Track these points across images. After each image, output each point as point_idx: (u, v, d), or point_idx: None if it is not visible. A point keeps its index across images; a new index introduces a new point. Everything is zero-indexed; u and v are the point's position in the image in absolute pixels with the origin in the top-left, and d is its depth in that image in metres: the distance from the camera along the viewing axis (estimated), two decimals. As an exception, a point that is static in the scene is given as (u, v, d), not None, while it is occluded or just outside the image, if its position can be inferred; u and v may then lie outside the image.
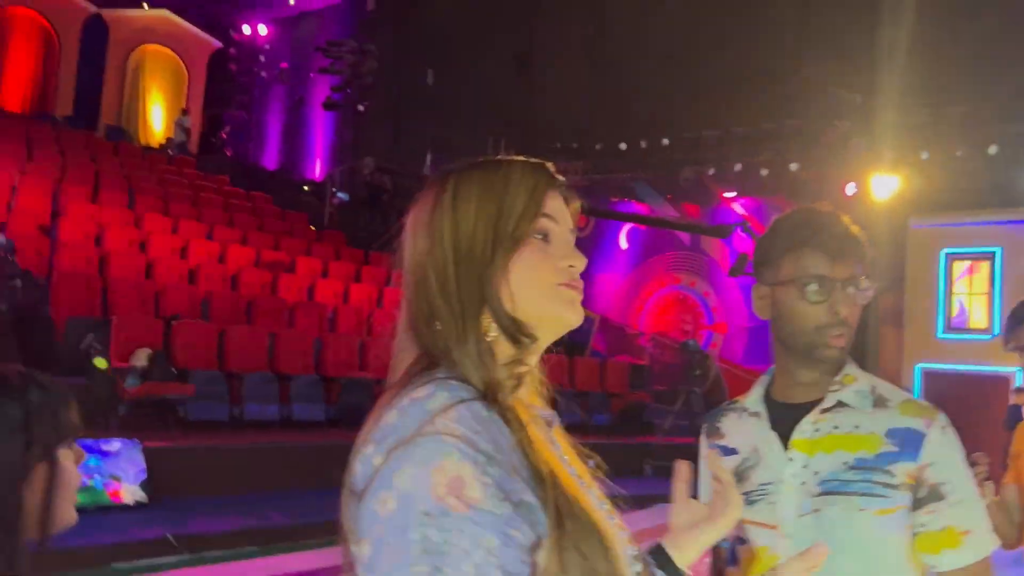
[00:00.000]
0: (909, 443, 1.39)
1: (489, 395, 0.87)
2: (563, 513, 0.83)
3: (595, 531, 0.85)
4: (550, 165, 1.00)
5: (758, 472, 1.47)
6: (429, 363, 0.92)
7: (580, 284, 0.97)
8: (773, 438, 1.47)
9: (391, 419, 0.85)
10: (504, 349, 0.94)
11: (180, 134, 18.63)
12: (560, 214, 0.98)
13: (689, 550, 1.12)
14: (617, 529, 0.92)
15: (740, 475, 1.48)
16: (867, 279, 1.43)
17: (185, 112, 19.32)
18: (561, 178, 1.00)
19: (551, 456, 0.88)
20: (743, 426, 1.54)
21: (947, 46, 11.95)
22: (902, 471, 1.38)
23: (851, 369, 1.49)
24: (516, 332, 0.94)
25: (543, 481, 0.84)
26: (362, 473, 0.84)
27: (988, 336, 12.26)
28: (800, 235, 1.44)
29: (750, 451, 1.49)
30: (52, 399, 1.19)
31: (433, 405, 0.84)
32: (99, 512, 5.86)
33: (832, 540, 1.25)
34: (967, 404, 12.09)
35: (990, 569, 1.41)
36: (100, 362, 1.21)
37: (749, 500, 1.44)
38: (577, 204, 1.03)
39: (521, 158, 1.01)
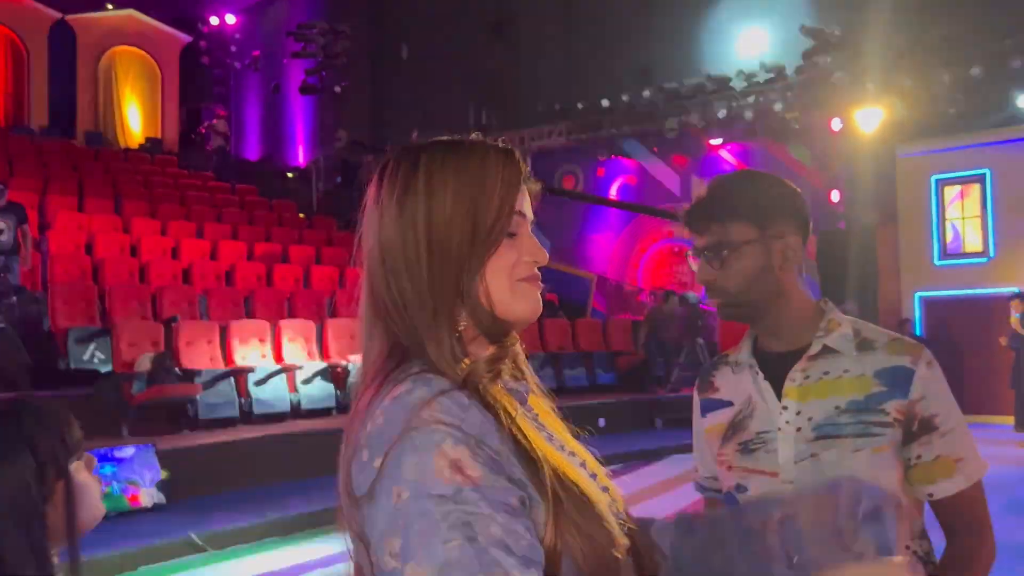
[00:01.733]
0: (899, 381, 1.45)
1: (467, 386, 0.89)
2: (557, 490, 0.87)
3: (588, 501, 0.89)
4: (518, 153, 1.00)
5: (754, 421, 1.51)
6: (402, 357, 0.92)
7: (539, 277, 0.99)
8: (766, 388, 1.51)
9: (378, 422, 0.86)
10: (478, 341, 0.96)
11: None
12: (527, 208, 0.99)
13: None
14: (601, 491, 0.94)
15: (736, 426, 1.53)
16: (730, 243, 1.50)
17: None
18: (526, 167, 1.00)
19: (537, 437, 0.91)
20: (736, 378, 1.58)
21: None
22: (894, 408, 1.43)
23: (834, 314, 1.53)
24: (495, 331, 0.95)
25: (534, 462, 0.87)
26: (363, 479, 0.85)
27: (984, 259, 12.28)
28: (724, 203, 1.56)
29: (744, 402, 1.54)
30: (52, 420, 1.22)
31: (414, 399, 0.86)
32: (120, 518, 5.91)
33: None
34: (969, 328, 12.16)
35: (982, 492, 1.49)
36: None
37: (748, 449, 1.50)
38: (537, 187, 1.03)
39: (493, 143, 0.99)
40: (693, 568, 0.96)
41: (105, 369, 8.20)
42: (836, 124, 12.77)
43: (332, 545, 5.38)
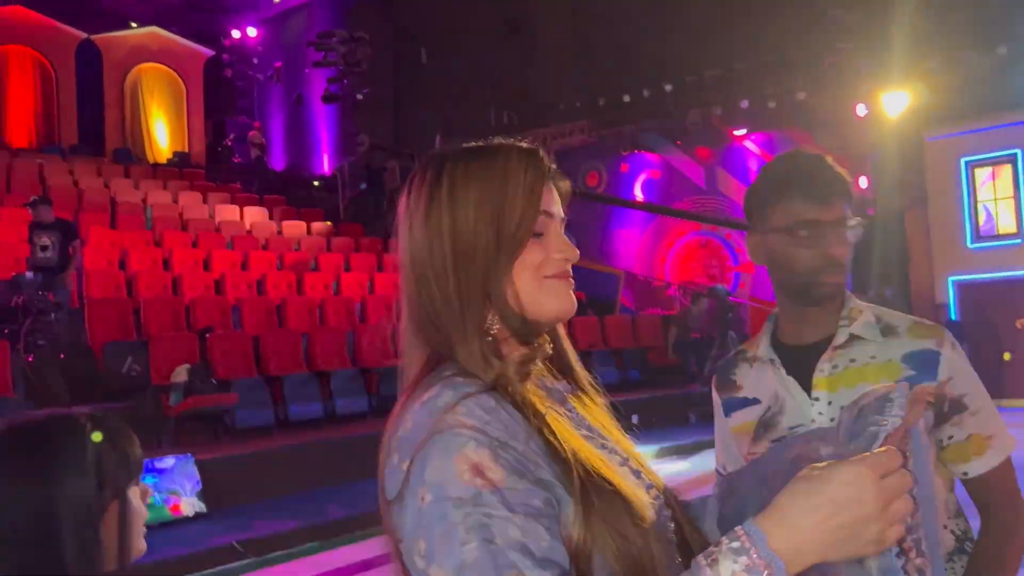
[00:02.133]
0: (926, 364, 1.46)
1: (497, 388, 0.90)
2: (588, 488, 0.87)
3: (621, 500, 0.88)
4: (542, 152, 1.01)
5: (785, 417, 1.50)
6: (436, 362, 0.95)
7: (569, 274, 0.99)
8: (791, 382, 1.50)
9: (407, 426, 0.89)
10: (510, 343, 0.97)
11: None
12: (554, 207, 0.99)
13: None
14: (642, 489, 0.94)
15: (767, 423, 1.52)
16: (854, 218, 1.47)
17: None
18: (552, 165, 1.01)
19: (569, 434, 0.91)
20: (756, 374, 1.57)
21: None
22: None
23: (855, 302, 1.54)
24: (526, 332, 0.96)
25: (564, 462, 0.88)
26: (393, 482, 0.89)
27: (1019, 240, 12.09)
28: (786, 182, 1.48)
29: (771, 398, 1.53)
30: (119, 439, 1.24)
31: (441, 403, 0.88)
32: (162, 528, 6.01)
33: None
34: (1004, 311, 11.98)
35: (1012, 466, 1.50)
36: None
37: None
38: (567, 185, 1.04)
39: (516, 144, 1.00)
40: (744, 510, 0.94)
41: (142, 382, 8.33)
42: (861, 110, 12.63)
43: (371, 548, 5.43)
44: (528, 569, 0.79)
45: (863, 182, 12.99)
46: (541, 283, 0.96)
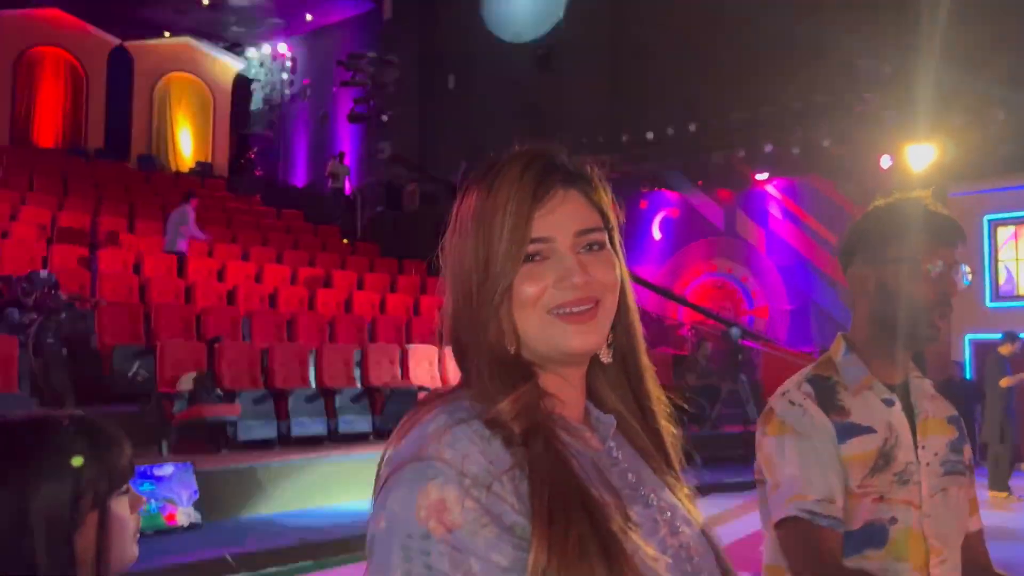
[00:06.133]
0: (961, 428, 1.58)
1: (492, 418, 0.83)
2: (555, 543, 0.77)
3: (597, 564, 0.77)
4: (556, 157, 0.93)
5: (901, 452, 1.50)
6: (461, 384, 0.91)
7: (582, 301, 0.88)
8: (902, 419, 1.52)
9: (399, 446, 0.85)
10: (546, 372, 0.91)
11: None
12: (555, 227, 0.89)
13: None
14: (643, 551, 0.82)
15: (887, 455, 1.50)
16: (967, 267, 1.51)
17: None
18: (563, 162, 0.93)
19: (567, 477, 0.82)
20: (864, 403, 1.53)
21: (973, 5, 11.65)
22: (967, 452, 1.57)
23: None
24: (510, 371, 0.88)
25: (539, 510, 0.79)
26: (374, 495, 0.86)
27: (1039, 301, 11.96)
28: (916, 216, 1.50)
29: (886, 429, 1.51)
30: (103, 446, 1.18)
31: (431, 428, 0.83)
32: (156, 536, 5.93)
33: (957, 517, 1.50)
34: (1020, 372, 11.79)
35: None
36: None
37: (903, 480, 1.48)
38: (599, 194, 0.95)
39: (524, 153, 0.93)
40: None
41: (148, 388, 8.30)
42: (885, 162, 12.58)
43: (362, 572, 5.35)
44: None
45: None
46: (544, 319, 0.88)
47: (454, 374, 0.93)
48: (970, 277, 1.49)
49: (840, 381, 1.53)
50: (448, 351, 0.93)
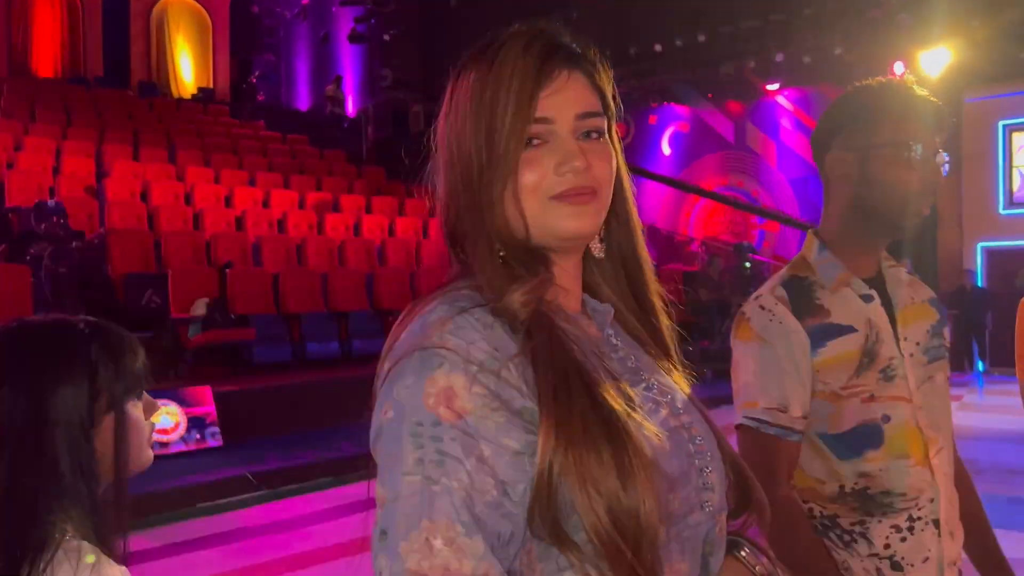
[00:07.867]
0: (941, 310, 1.55)
1: (502, 307, 0.82)
2: (561, 424, 0.77)
3: (623, 451, 0.77)
4: (557, 37, 0.90)
5: (883, 347, 1.44)
6: (458, 275, 0.89)
7: (582, 189, 0.86)
8: (882, 313, 1.46)
9: (400, 337, 0.83)
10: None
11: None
12: (556, 108, 0.86)
13: None
14: (661, 437, 0.83)
15: (870, 352, 1.43)
16: (945, 154, 1.44)
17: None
18: (564, 43, 0.90)
19: (569, 362, 0.81)
20: (844, 300, 1.46)
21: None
22: (946, 334, 1.54)
23: None
24: (524, 258, 0.86)
25: (545, 393, 0.78)
26: (377, 387, 0.84)
27: (1053, 208, 11.84)
28: (900, 100, 1.43)
29: (868, 328, 1.44)
30: (118, 349, 1.20)
31: (433, 318, 0.81)
32: (179, 456, 6.08)
33: (943, 403, 1.46)
34: (1034, 279, 11.76)
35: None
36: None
37: (889, 376, 1.42)
38: (601, 77, 0.93)
39: (523, 31, 0.90)
40: None
41: (161, 314, 8.38)
42: (899, 68, 12.31)
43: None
44: (458, 524, 0.73)
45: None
46: (544, 205, 0.86)
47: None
48: (947, 167, 1.43)
49: (817, 280, 1.47)
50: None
